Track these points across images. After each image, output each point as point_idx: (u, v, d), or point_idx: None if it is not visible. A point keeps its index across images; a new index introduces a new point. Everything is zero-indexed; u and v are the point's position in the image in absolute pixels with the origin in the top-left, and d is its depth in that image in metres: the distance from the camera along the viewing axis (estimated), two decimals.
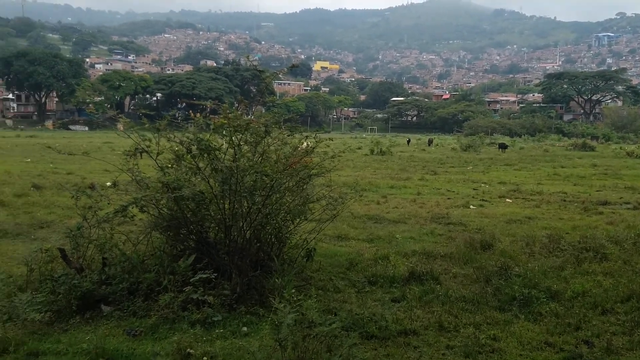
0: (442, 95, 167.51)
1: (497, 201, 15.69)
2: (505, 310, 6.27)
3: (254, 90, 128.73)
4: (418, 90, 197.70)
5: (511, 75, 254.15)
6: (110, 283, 6.21)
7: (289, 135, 6.94)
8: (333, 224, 8.83)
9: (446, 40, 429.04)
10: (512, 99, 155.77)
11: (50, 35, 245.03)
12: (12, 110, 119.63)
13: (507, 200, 15.90)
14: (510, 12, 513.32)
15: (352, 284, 7.22)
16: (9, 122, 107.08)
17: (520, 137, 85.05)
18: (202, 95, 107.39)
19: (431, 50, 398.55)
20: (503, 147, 44.79)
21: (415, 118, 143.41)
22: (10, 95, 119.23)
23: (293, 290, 6.06)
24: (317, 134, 7.10)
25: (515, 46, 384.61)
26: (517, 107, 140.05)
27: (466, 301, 6.53)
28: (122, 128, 6.82)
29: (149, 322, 5.59)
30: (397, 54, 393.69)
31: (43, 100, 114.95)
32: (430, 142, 56.24)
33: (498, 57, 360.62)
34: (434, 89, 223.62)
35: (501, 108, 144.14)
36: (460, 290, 6.95)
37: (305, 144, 7.47)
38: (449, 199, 15.96)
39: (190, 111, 7.63)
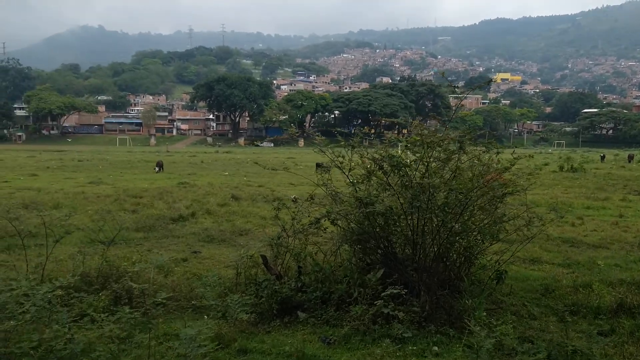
0: None
1: None
2: None
3: (429, 105, 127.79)
4: (615, 101, 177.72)
5: None
6: (305, 291, 6.59)
7: (484, 152, 6.70)
8: (524, 246, 8.28)
9: None
10: None
11: (244, 61, 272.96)
12: (212, 129, 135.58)
13: None
14: None
15: (549, 311, 6.67)
16: (209, 139, 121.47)
17: None
18: (378, 112, 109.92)
19: (631, 57, 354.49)
20: None
21: (611, 131, 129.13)
22: (211, 116, 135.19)
23: (484, 314, 5.81)
24: (515, 150, 6.73)
25: None
26: None
27: None
28: (302, 144, 7.25)
29: (342, 332, 5.79)
30: (590, 62, 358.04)
31: (237, 119, 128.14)
32: (630, 158, 49.98)
33: None
34: (634, 98, 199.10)
35: None
36: None
37: (497, 159, 7.14)
38: None
39: (366, 127, 7.80)
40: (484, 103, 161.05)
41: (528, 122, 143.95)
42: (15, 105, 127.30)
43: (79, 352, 4.32)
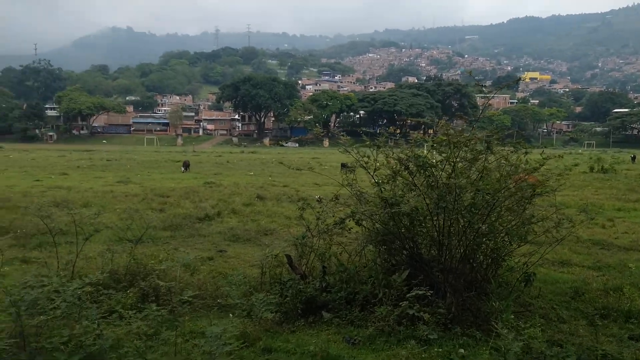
0: None
1: None
2: None
3: (456, 104, 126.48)
4: None
5: None
6: (330, 291, 6.58)
7: (512, 152, 6.58)
8: (553, 248, 8.12)
9: None
10: None
11: (270, 61, 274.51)
12: (237, 129, 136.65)
13: None
14: None
15: (579, 315, 6.53)
16: (234, 139, 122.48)
17: None
18: (403, 112, 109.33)
19: None
20: None
21: None
22: (237, 116, 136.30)
23: (512, 316, 5.72)
24: (544, 150, 6.60)
25: None
26: None
27: None
28: (327, 145, 7.24)
29: (366, 333, 5.77)
30: (621, 61, 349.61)
31: (262, 119, 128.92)
32: None
33: None
34: None
35: None
36: None
37: (525, 160, 7.02)
38: None
39: (392, 127, 7.75)
40: (512, 103, 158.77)
41: (557, 122, 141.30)
42: (47, 106, 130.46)
43: (107, 347, 4.40)
